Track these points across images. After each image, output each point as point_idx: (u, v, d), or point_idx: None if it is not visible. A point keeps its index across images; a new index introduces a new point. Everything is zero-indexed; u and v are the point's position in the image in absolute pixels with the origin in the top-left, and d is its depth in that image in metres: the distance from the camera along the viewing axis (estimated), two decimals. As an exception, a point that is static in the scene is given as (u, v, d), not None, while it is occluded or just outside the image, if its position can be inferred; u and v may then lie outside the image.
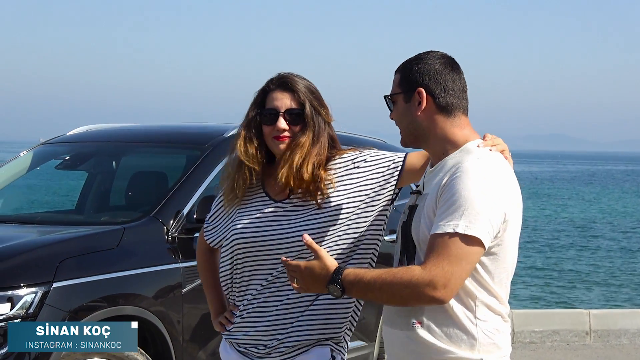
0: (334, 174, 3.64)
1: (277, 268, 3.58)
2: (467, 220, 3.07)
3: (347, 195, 3.62)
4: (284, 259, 3.31)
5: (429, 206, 3.23)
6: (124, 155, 7.49)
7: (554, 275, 21.80)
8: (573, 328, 10.67)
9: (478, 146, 3.30)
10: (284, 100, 3.66)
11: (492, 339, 3.24)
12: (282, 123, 3.63)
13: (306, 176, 3.58)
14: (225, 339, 3.78)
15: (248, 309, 3.65)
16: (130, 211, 6.59)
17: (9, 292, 5.11)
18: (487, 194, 3.12)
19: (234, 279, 3.69)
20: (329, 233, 3.59)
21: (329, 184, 3.62)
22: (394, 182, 3.67)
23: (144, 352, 5.57)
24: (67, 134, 7.54)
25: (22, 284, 5.15)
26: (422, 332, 3.23)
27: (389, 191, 3.66)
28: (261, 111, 3.69)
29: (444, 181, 3.20)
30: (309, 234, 3.47)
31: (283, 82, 3.69)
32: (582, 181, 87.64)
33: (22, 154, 7.55)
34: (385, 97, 3.42)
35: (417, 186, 3.44)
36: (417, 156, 3.69)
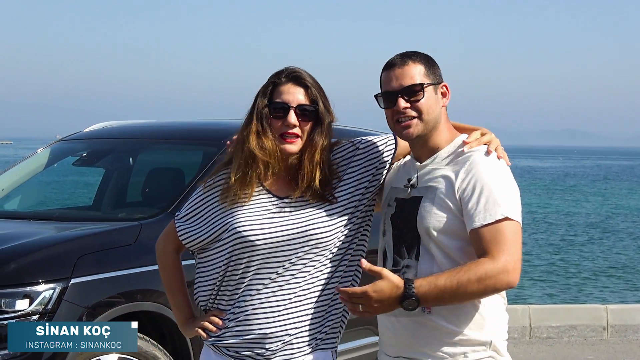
0: (337, 168, 3.58)
1: (284, 265, 3.44)
2: (508, 207, 3.24)
3: (350, 185, 3.56)
4: (343, 289, 3.20)
5: (442, 199, 3.32)
6: (140, 152, 7.51)
7: (571, 270, 21.74)
8: (590, 323, 10.65)
9: (464, 142, 3.41)
10: (295, 95, 3.51)
11: (497, 320, 3.37)
12: (292, 118, 3.48)
13: (323, 177, 3.50)
14: (212, 343, 3.56)
15: (247, 310, 3.47)
16: (148, 207, 6.60)
17: (27, 289, 5.14)
18: (511, 183, 3.33)
19: (227, 280, 3.51)
20: (338, 227, 3.52)
21: (336, 179, 3.56)
22: (388, 166, 3.63)
23: (162, 348, 5.58)
24: (84, 130, 7.58)
25: (40, 280, 5.17)
26: (433, 317, 3.32)
27: (382, 176, 3.63)
28: (271, 104, 3.52)
29: (460, 175, 3.31)
30: (321, 230, 3.45)
31: (295, 76, 3.54)
32: (598, 176, 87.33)
33: (39, 150, 7.59)
34: (422, 85, 3.39)
35: (410, 180, 3.46)
36: (403, 142, 3.64)
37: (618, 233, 31.95)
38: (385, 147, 3.65)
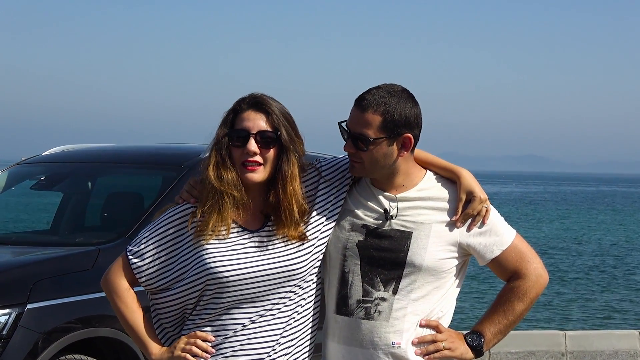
0: (306, 193, 3.47)
1: (272, 300, 3.33)
2: (509, 227, 3.50)
3: (322, 215, 3.47)
4: (440, 326, 3.37)
5: (439, 236, 3.38)
6: (99, 176, 7.47)
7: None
8: (549, 349, 10.67)
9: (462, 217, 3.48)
10: (256, 121, 3.37)
11: None
12: (252, 145, 3.34)
13: (299, 208, 3.40)
14: None
15: (235, 346, 3.32)
16: (106, 232, 6.55)
17: (-18, 314, 5.08)
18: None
19: (196, 321, 3.35)
20: (313, 255, 3.43)
21: (309, 208, 3.46)
22: (348, 188, 3.55)
23: (118, 375, 5.53)
24: (43, 154, 7.51)
25: (-5, 305, 5.11)
26: (401, 352, 3.36)
27: (344, 199, 3.53)
28: (230, 132, 3.39)
29: (456, 213, 3.41)
30: (298, 263, 3.36)
31: (256, 102, 3.40)
32: (554, 201, 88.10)
33: (-4, 173, 7.51)
34: (367, 140, 3.34)
35: (386, 211, 3.42)
36: None
37: (579, 259, 32.19)
38: (348, 170, 3.54)
